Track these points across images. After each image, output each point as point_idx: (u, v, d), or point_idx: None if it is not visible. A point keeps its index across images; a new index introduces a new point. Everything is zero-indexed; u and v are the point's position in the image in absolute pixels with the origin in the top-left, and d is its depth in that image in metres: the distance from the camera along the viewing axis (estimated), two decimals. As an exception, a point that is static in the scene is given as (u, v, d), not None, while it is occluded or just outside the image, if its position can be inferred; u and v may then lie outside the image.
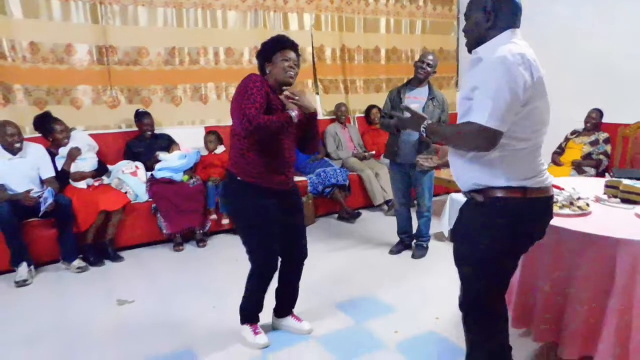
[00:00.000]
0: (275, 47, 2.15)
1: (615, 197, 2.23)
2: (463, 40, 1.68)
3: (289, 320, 2.51)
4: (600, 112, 4.19)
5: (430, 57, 3.27)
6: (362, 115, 5.41)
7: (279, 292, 2.49)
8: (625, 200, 2.19)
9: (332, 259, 3.52)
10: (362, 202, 4.73)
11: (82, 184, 3.64)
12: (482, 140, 1.42)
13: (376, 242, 3.87)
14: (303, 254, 2.43)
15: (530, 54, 1.47)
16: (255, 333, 2.39)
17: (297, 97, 2.12)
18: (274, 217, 2.21)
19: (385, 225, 4.24)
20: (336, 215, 4.59)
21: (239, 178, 2.16)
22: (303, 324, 2.49)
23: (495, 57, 1.42)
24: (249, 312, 2.40)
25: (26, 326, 2.65)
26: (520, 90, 1.39)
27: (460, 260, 1.68)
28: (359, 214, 4.51)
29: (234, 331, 2.45)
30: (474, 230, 1.61)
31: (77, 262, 3.40)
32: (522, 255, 1.69)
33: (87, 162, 3.72)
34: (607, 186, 2.31)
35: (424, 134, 1.65)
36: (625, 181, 2.23)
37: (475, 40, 1.58)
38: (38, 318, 2.74)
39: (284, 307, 2.52)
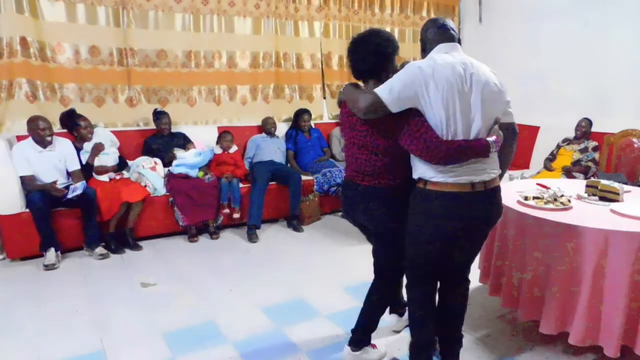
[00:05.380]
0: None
1: (595, 195, 2.50)
2: (466, 47, 1.99)
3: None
4: (589, 122, 4.45)
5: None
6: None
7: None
8: (602, 198, 2.46)
9: (340, 251, 3.78)
10: (365, 201, 4.97)
11: (104, 177, 3.89)
12: (367, 103, 1.76)
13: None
14: None
15: (444, 64, 1.75)
16: (373, 346, 2.29)
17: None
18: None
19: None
20: (340, 213, 4.84)
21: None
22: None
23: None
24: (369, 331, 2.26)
25: (58, 303, 2.90)
26: (409, 84, 1.73)
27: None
28: (361, 212, 4.76)
29: (253, 309, 2.74)
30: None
31: (100, 249, 3.64)
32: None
33: (109, 157, 3.97)
34: (587, 186, 2.58)
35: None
36: (604, 181, 2.49)
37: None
38: (68, 297, 2.98)
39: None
